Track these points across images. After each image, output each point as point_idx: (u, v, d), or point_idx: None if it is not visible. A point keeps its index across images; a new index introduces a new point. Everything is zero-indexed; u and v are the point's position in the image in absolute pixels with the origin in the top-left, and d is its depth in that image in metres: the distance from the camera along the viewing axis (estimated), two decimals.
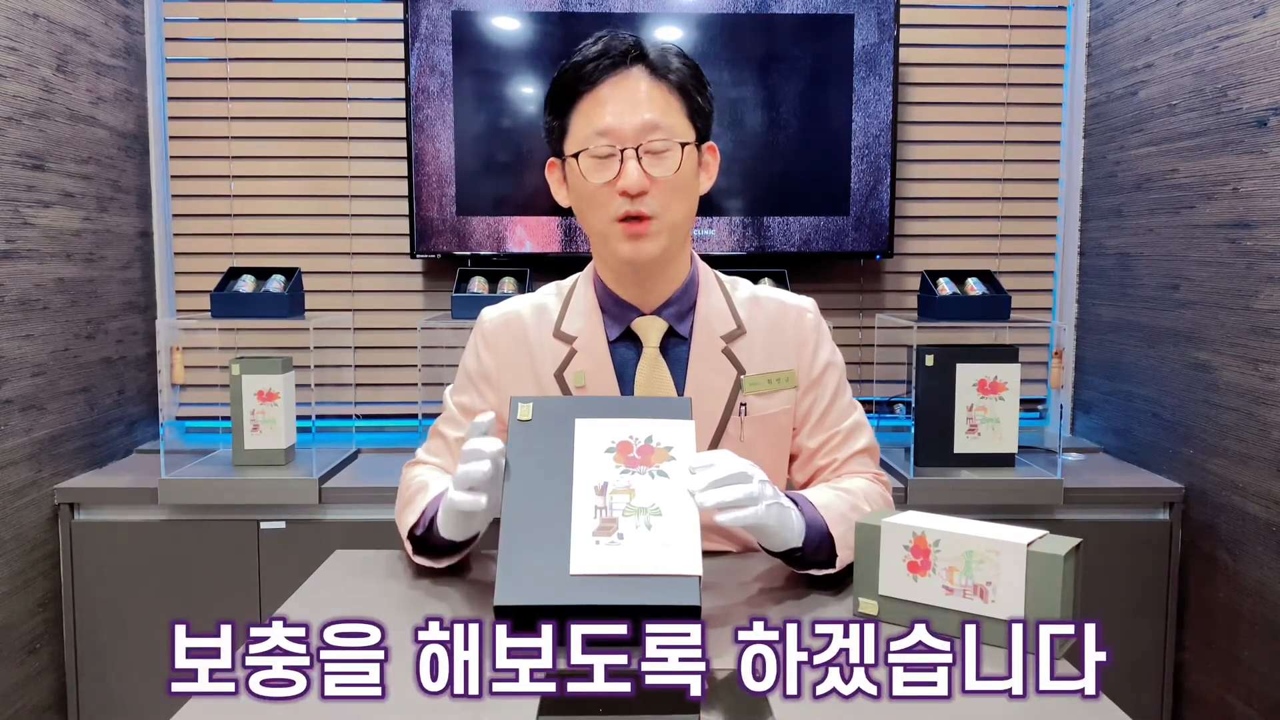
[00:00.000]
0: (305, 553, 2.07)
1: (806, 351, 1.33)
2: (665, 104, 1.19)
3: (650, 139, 1.18)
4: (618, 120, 1.17)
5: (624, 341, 1.29)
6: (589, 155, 1.19)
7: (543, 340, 1.30)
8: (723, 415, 1.27)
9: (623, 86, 1.18)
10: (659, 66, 1.20)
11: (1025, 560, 0.98)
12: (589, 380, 1.27)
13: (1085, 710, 0.88)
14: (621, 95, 1.18)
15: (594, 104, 1.19)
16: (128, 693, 2.15)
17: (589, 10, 2.43)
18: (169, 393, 2.60)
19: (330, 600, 1.14)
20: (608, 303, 1.29)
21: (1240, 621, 1.96)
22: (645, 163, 1.18)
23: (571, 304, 1.31)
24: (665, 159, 1.19)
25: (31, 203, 2.07)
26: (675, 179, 1.20)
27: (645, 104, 1.18)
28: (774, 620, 1.07)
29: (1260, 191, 1.89)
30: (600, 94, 1.18)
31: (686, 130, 1.21)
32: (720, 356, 1.28)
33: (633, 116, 1.17)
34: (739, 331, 1.30)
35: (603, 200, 1.20)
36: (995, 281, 2.38)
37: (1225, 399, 2.00)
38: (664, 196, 1.20)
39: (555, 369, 1.28)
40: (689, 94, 1.22)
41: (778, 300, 1.35)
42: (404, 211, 2.53)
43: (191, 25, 2.59)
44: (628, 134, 1.17)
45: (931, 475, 2.14)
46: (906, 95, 2.59)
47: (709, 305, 1.31)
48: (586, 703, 0.88)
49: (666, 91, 1.20)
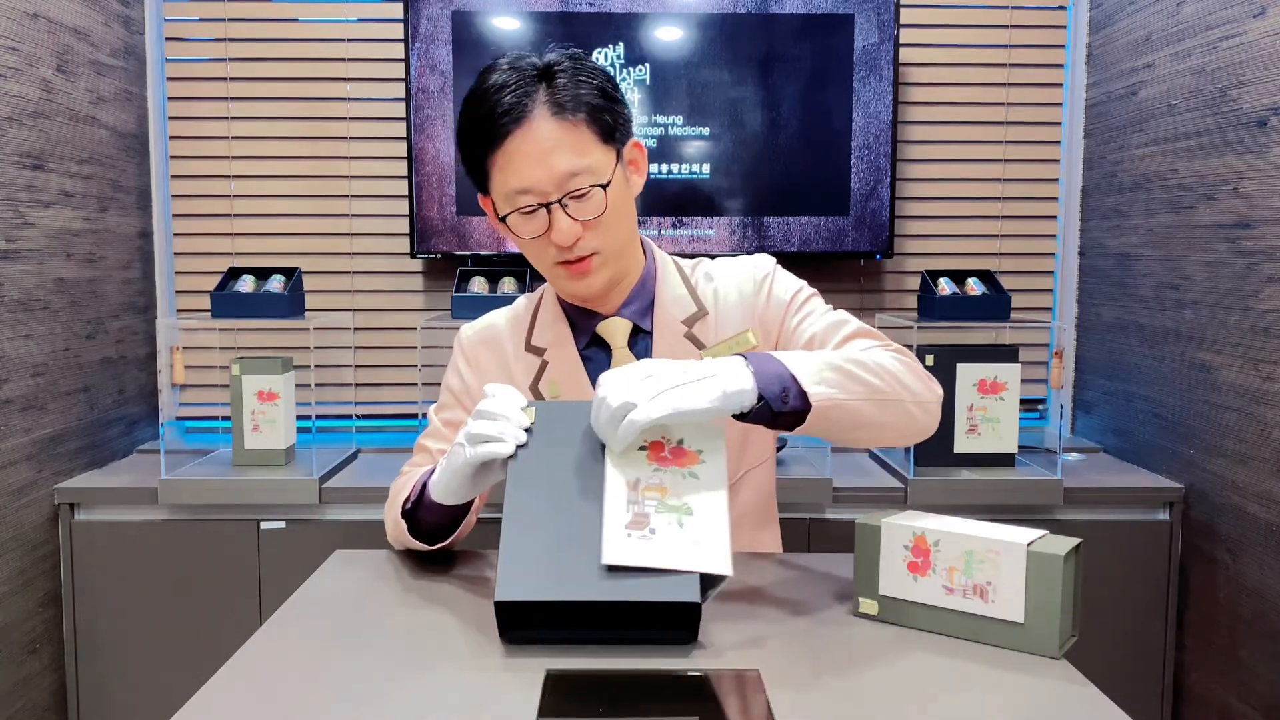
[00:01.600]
0: (305, 553, 2.08)
1: (760, 299, 1.28)
2: (576, 143, 1.14)
3: (571, 186, 1.14)
4: (533, 177, 1.13)
5: (593, 346, 1.29)
6: (515, 215, 1.17)
7: (517, 353, 1.31)
8: None
9: (529, 138, 1.13)
10: (563, 104, 1.14)
11: (1025, 560, 0.98)
12: (563, 390, 1.27)
13: (1085, 710, 0.88)
14: (531, 148, 1.13)
15: (506, 160, 1.14)
16: (128, 693, 2.15)
17: (589, 10, 2.43)
18: (169, 393, 2.60)
19: (330, 600, 1.14)
20: (572, 312, 1.30)
21: (1240, 621, 1.96)
22: (572, 209, 1.15)
23: (539, 316, 1.32)
24: (590, 201, 1.16)
25: (31, 203, 2.07)
26: (605, 215, 1.17)
27: (556, 150, 1.13)
28: (774, 620, 1.07)
29: (1260, 191, 1.89)
30: (510, 150, 1.14)
31: (605, 161, 1.17)
32: (683, 341, 1.27)
33: (547, 170, 1.13)
34: (700, 313, 1.28)
35: (540, 247, 1.19)
36: (995, 281, 2.38)
37: (1225, 399, 2.00)
38: (598, 233, 1.18)
39: (530, 382, 1.29)
40: (599, 116, 1.16)
41: (727, 267, 1.32)
42: (404, 211, 2.54)
43: (191, 25, 2.59)
44: (548, 187, 1.14)
45: (931, 475, 2.14)
46: (906, 95, 2.59)
47: (667, 294, 1.29)
48: (586, 703, 0.88)
49: (575, 127, 1.14)
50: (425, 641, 1.02)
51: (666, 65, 2.46)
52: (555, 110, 1.14)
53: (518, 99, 1.13)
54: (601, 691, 0.90)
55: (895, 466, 2.23)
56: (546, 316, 1.31)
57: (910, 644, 1.01)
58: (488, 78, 1.16)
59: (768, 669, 0.93)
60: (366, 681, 0.92)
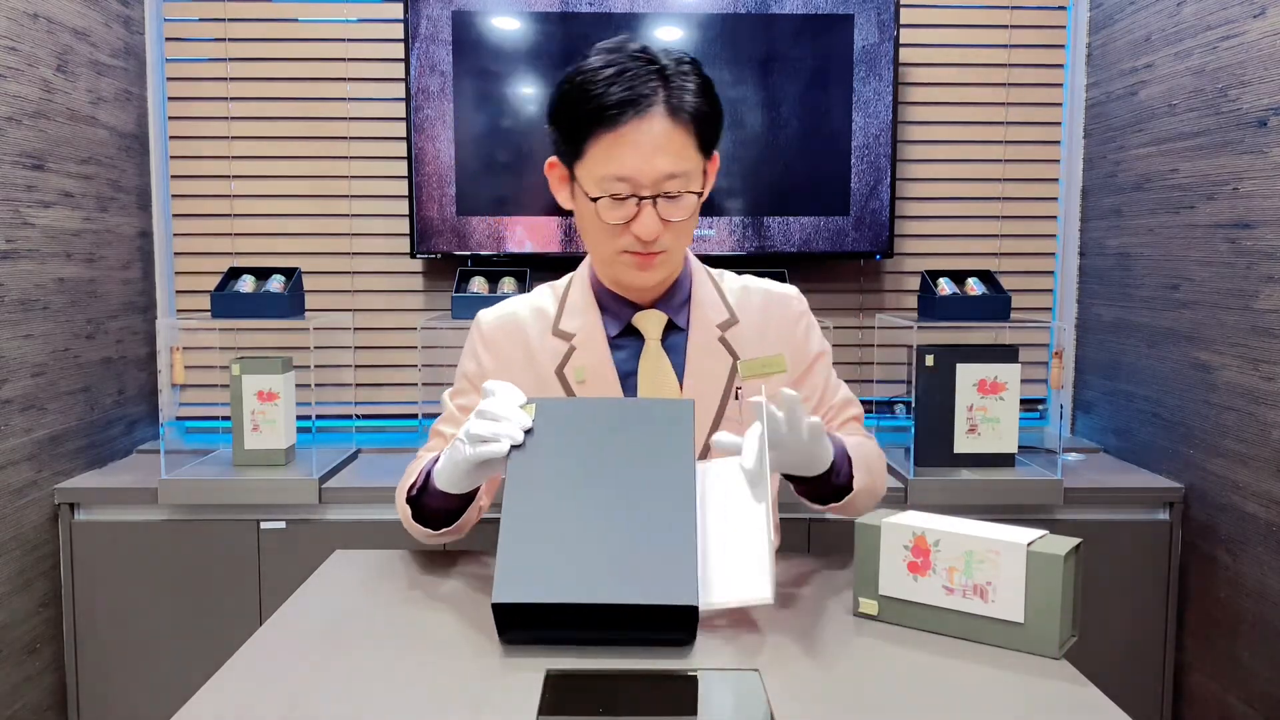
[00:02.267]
0: (305, 553, 2.08)
1: (797, 337, 1.36)
2: (682, 147, 1.18)
3: (667, 186, 1.18)
4: (637, 170, 1.17)
5: (623, 336, 1.31)
6: (608, 199, 1.19)
7: (542, 339, 1.31)
8: (721, 400, 1.30)
9: (643, 130, 1.16)
10: (677, 106, 1.17)
11: (1025, 560, 0.98)
12: (589, 375, 1.28)
13: (1085, 710, 0.88)
14: (642, 140, 1.16)
15: (613, 143, 1.17)
16: (128, 693, 2.15)
17: (589, 10, 2.43)
18: (169, 393, 2.60)
19: (330, 600, 1.14)
20: (606, 299, 1.32)
21: (1240, 621, 1.96)
22: (660, 208, 1.19)
23: (568, 302, 1.33)
24: (679, 204, 1.20)
25: (31, 203, 2.07)
26: (688, 220, 1.22)
27: (664, 150, 1.17)
28: (774, 620, 1.07)
29: (1260, 191, 1.89)
30: (620, 135, 1.16)
31: (698, 169, 1.22)
32: (717, 345, 1.31)
33: (652, 166, 1.17)
34: (732, 320, 1.33)
35: (614, 234, 1.21)
36: (995, 281, 2.38)
37: (1225, 399, 2.00)
38: (674, 234, 1.22)
39: (556, 366, 1.30)
40: (703, 122, 1.21)
41: (765, 289, 1.39)
42: (404, 211, 2.53)
43: (191, 25, 2.59)
44: (646, 182, 1.17)
45: (931, 475, 2.14)
46: (906, 95, 2.59)
47: (703, 296, 1.34)
48: (586, 703, 0.88)
49: (683, 130, 1.18)
50: (425, 641, 1.02)
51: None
52: (671, 110, 1.17)
53: (639, 89, 1.16)
54: (601, 691, 0.90)
55: (895, 467, 2.23)
56: (577, 303, 1.33)
57: (910, 644, 1.01)
58: (598, 59, 1.18)
59: (768, 669, 0.93)
60: (366, 681, 0.92)
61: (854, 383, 2.67)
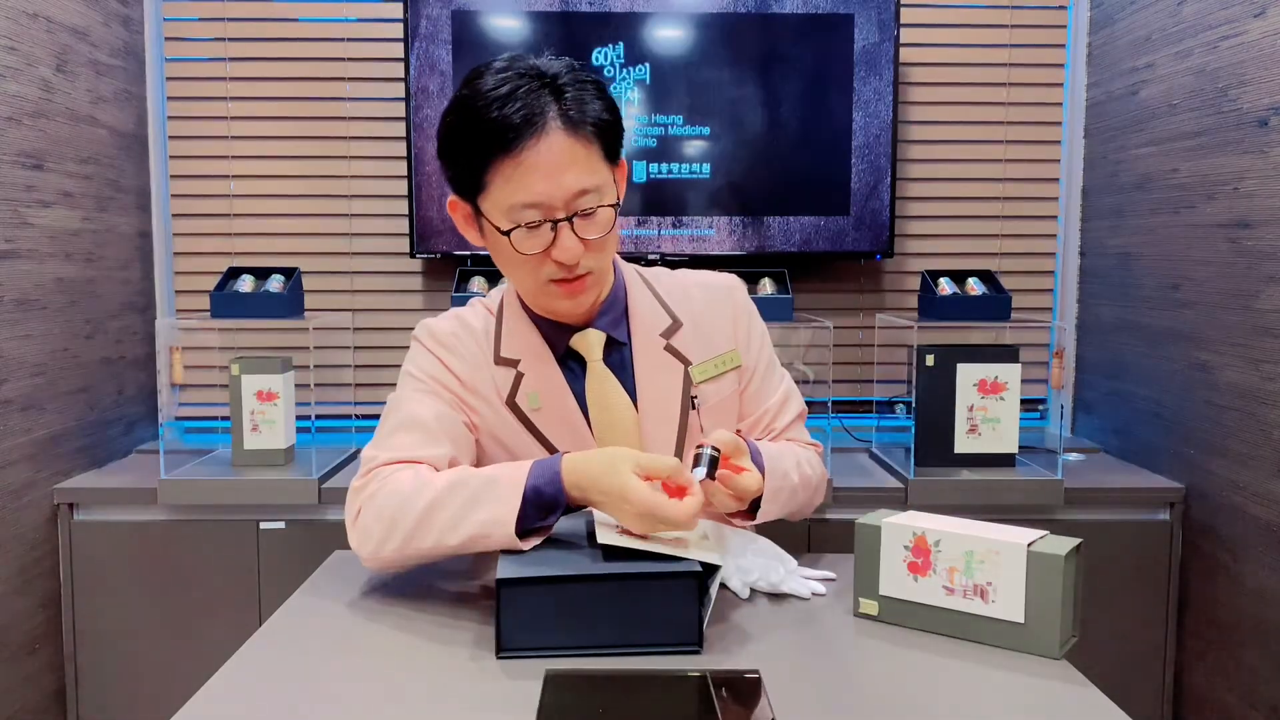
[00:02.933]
0: (305, 553, 2.07)
1: (741, 330, 1.31)
2: (588, 161, 1.12)
3: (582, 209, 1.12)
4: (546, 194, 1.10)
5: (567, 359, 1.25)
6: (521, 229, 1.12)
7: (487, 365, 1.24)
8: (680, 412, 1.25)
9: (545, 151, 1.09)
10: (577, 119, 1.10)
11: (1026, 560, 0.97)
12: (544, 400, 1.23)
13: (1085, 710, 0.88)
14: (545, 163, 1.09)
15: (515, 171, 1.09)
16: (127, 693, 2.15)
17: (589, 10, 2.43)
18: (168, 393, 2.60)
19: (330, 601, 1.14)
20: (541, 324, 1.25)
21: (1240, 622, 1.96)
22: (578, 227, 1.12)
23: (505, 326, 1.26)
24: (596, 220, 1.14)
25: (31, 202, 2.07)
26: (608, 235, 1.16)
27: (570, 167, 1.10)
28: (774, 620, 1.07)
29: (1261, 191, 1.89)
30: (522, 161, 1.09)
31: (609, 180, 1.15)
32: (664, 354, 1.26)
33: (561, 186, 1.10)
34: (675, 325, 1.28)
35: (535, 265, 1.15)
36: (996, 281, 2.38)
37: (1226, 399, 2.00)
38: (596, 254, 1.16)
39: (506, 395, 1.23)
40: (606, 134, 1.14)
41: (703, 283, 1.33)
42: (404, 211, 2.53)
43: (191, 25, 2.58)
44: (558, 204, 1.11)
45: (932, 475, 2.14)
46: (907, 95, 2.59)
47: (640, 305, 1.28)
48: (586, 703, 0.87)
49: (587, 143, 1.12)
50: (425, 641, 1.01)
51: (666, 65, 2.46)
52: (568, 125, 1.10)
53: (531, 109, 1.09)
54: (601, 691, 0.90)
55: (895, 467, 2.23)
56: (513, 328, 1.26)
57: (910, 644, 1.01)
58: (487, 80, 1.11)
59: (768, 669, 0.93)
60: (366, 682, 0.92)
61: (854, 383, 2.67)
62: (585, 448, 1.20)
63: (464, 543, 1.06)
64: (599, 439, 1.23)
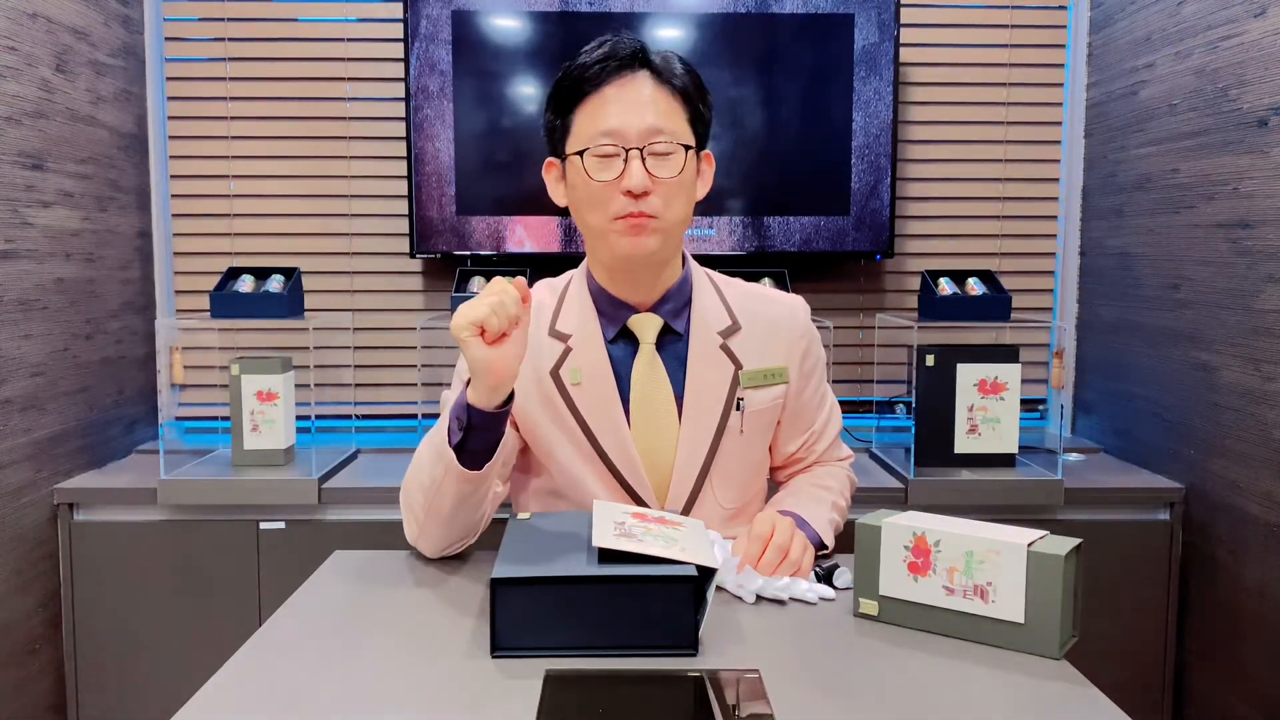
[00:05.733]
0: (305, 553, 2.08)
1: (798, 351, 1.36)
2: (669, 108, 1.22)
3: (654, 141, 1.20)
4: (622, 121, 1.19)
5: (620, 340, 1.30)
6: (593, 154, 1.20)
7: (539, 338, 1.30)
8: (723, 411, 1.29)
9: (628, 89, 1.21)
10: (663, 72, 1.22)
11: (1026, 561, 0.97)
12: (585, 376, 1.27)
13: (1085, 710, 0.88)
14: (626, 97, 1.20)
15: (599, 105, 1.21)
16: (128, 693, 2.15)
17: (589, 10, 2.43)
18: (168, 393, 2.60)
19: (330, 600, 1.14)
20: (602, 302, 1.30)
21: (1241, 622, 1.96)
22: (649, 164, 1.20)
23: (566, 302, 1.33)
24: (669, 161, 1.21)
25: (31, 203, 2.07)
26: (677, 180, 1.21)
27: (650, 107, 1.20)
28: (774, 620, 1.07)
29: (1261, 191, 1.89)
30: (605, 95, 1.20)
31: (688, 135, 1.24)
32: (718, 353, 1.30)
33: (638, 118, 1.19)
34: (735, 327, 1.32)
35: (604, 198, 1.21)
36: (996, 281, 2.38)
37: (1226, 399, 2.00)
38: (666, 196, 1.21)
39: (551, 367, 1.29)
40: (691, 100, 1.24)
41: (770, 298, 1.39)
42: (404, 211, 2.53)
43: (191, 25, 2.58)
44: (632, 135, 1.19)
45: (932, 475, 2.14)
46: (907, 95, 2.59)
47: (704, 302, 1.32)
48: (586, 703, 0.87)
49: (670, 96, 1.22)
50: (424, 641, 1.01)
51: None
52: (655, 75, 1.22)
53: (622, 61, 1.21)
54: (601, 692, 0.90)
55: (895, 467, 2.22)
56: (574, 304, 1.32)
57: (910, 644, 1.01)
58: (590, 49, 1.23)
59: (768, 669, 0.93)
60: (366, 682, 0.92)
61: (854, 383, 2.67)
62: (618, 428, 1.27)
63: (438, 488, 1.15)
64: (633, 418, 1.28)
